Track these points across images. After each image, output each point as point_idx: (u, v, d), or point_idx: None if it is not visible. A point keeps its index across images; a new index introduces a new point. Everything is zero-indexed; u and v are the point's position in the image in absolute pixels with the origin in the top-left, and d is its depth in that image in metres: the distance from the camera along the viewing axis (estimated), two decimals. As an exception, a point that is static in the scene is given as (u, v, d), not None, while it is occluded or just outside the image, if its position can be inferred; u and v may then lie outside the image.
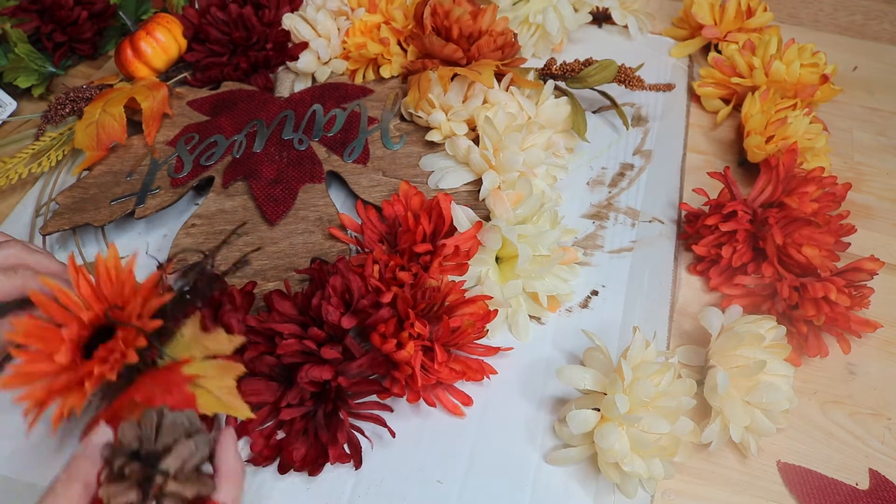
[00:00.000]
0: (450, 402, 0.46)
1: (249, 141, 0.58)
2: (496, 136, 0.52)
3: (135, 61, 0.61)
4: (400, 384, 0.43)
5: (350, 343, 0.42)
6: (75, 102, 0.59)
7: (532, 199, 0.50)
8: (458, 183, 0.54)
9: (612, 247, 0.56)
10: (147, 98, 0.58)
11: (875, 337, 0.52)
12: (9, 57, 0.65)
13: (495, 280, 0.48)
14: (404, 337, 0.42)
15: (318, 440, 0.42)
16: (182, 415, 0.35)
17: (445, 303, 0.44)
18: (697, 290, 0.54)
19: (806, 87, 0.62)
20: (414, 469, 0.44)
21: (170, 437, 0.34)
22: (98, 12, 0.68)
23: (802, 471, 0.45)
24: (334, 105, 0.60)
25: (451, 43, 0.57)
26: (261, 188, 0.54)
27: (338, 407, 0.42)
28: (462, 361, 0.45)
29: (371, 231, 0.50)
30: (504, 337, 0.50)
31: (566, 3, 0.67)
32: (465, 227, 0.48)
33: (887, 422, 0.48)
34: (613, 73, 0.61)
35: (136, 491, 0.33)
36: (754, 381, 0.43)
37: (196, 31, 0.63)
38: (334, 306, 0.42)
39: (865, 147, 0.66)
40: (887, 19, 0.81)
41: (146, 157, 0.57)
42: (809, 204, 0.51)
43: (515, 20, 0.68)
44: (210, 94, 0.62)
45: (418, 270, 0.45)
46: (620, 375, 0.41)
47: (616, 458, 0.41)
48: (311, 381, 0.41)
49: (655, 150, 0.63)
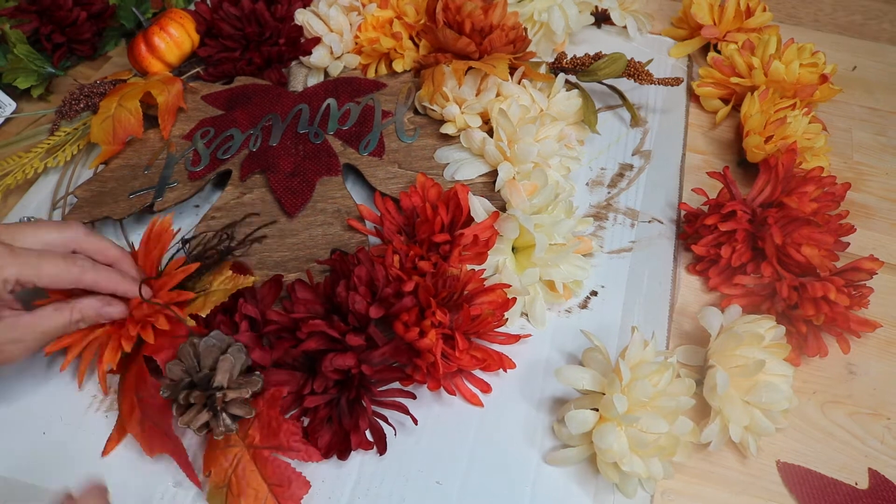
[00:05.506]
0: (468, 391, 0.46)
1: (265, 135, 0.58)
2: (511, 128, 0.53)
3: (148, 56, 0.62)
4: (422, 371, 0.44)
5: (373, 332, 0.43)
6: (89, 98, 0.60)
7: (547, 189, 0.50)
8: (473, 174, 0.55)
9: (611, 247, 0.56)
10: (162, 92, 0.58)
11: (875, 337, 0.51)
12: (8, 58, 0.65)
13: (512, 269, 0.49)
14: (426, 325, 0.43)
15: (342, 427, 0.43)
16: (211, 337, 0.42)
17: (465, 291, 0.45)
18: (697, 289, 0.54)
19: (805, 87, 0.62)
20: (414, 469, 0.44)
21: (210, 358, 0.41)
22: (97, 13, 0.68)
23: (802, 471, 0.45)
24: (348, 99, 0.61)
25: (464, 37, 0.57)
26: (278, 181, 0.55)
27: (360, 394, 0.43)
28: (482, 349, 0.46)
29: (390, 222, 0.50)
30: (518, 326, 0.50)
31: (571, 2, 0.68)
32: (481, 218, 0.49)
33: (887, 422, 0.48)
34: (623, 66, 0.62)
35: (205, 411, 0.39)
36: (754, 381, 0.43)
37: (209, 27, 0.64)
38: (362, 295, 0.43)
39: (865, 147, 0.66)
40: (887, 19, 0.81)
41: (162, 150, 0.58)
42: (809, 204, 0.50)
43: (520, 18, 0.68)
44: (224, 88, 0.63)
45: (438, 260, 0.46)
46: (619, 375, 0.41)
47: (615, 459, 0.41)
48: (336, 370, 0.42)
49: (655, 150, 0.63)
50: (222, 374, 0.40)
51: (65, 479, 0.42)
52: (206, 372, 0.40)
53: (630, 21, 0.73)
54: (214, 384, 0.40)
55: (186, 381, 0.40)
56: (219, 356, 0.41)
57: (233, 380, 0.41)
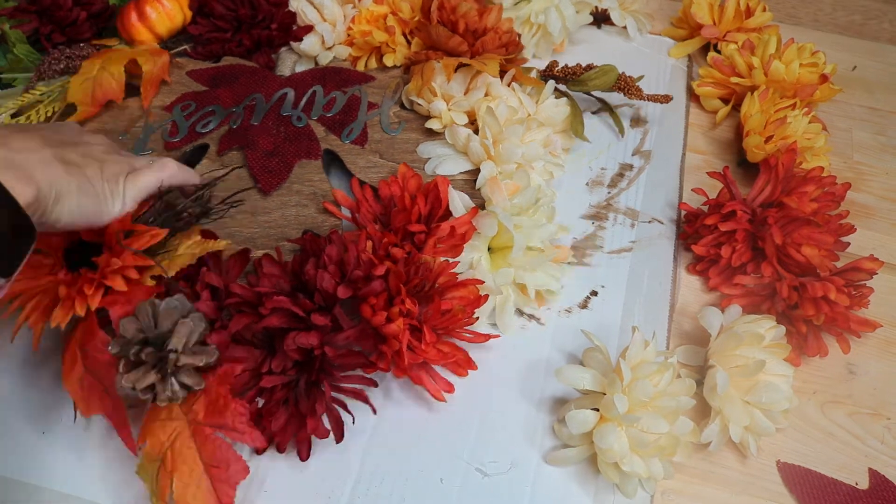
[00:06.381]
0: (432, 386, 0.45)
1: (247, 114, 0.58)
2: (497, 127, 0.53)
3: (138, 24, 0.61)
4: (386, 359, 0.43)
5: (339, 313, 0.42)
6: (70, 59, 0.59)
7: (529, 191, 0.50)
8: (455, 170, 0.55)
9: (611, 247, 0.56)
10: (148, 62, 0.58)
11: (874, 337, 0.52)
12: (8, 58, 0.64)
13: (487, 267, 0.49)
14: (394, 312, 0.42)
15: (298, 410, 0.41)
16: (174, 300, 0.40)
17: (437, 283, 0.44)
18: (697, 290, 0.54)
19: (805, 87, 0.62)
20: (414, 469, 0.44)
21: (168, 321, 0.39)
22: (97, 13, 0.68)
23: (802, 470, 0.45)
24: (335, 88, 0.61)
25: (457, 35, 0.57)
26: (256, 158, 0.55)
27: (320, 378, 0.42)
28: (450, 345, 0.45)
29: (366, 209, 0.50)
30: (487, 329, 0.49)
31: (568, 3, 0.68)
32: (460, 213, 0.49)
33: (887, 421, 0.48)
34: (613, 79, 0.62)
35: (153, 372, 0.38)
36: (754, 381, 0.43)
37: (201, 4, 0.63)
38: (331, 274, 0.42)
39: (865, 147, 0.66)
40: (886, 19, 0.81)
41: (140, 119, 0.57)
42: (809, 204, 0.51)
43: (517, 20, 0.68)
44: (211, 66, 0.62)
45: (411, 249, 0.45)
46: (619, 375, 0.41)
47: (615, 459, 0.41)
48: (298, 349, 0.41)
49: (655, 150, 0.63)
50: (178, 338, 0.39)
51: (65, 478, 0.42)
52: (161, 331, 0.39)
53: (630, 21, 0.73)
54: (169, 346, 0.38)
55: (140, 337, 0.39)
56: (178, 319, 0.39)
57: (188, 346, 0.39)
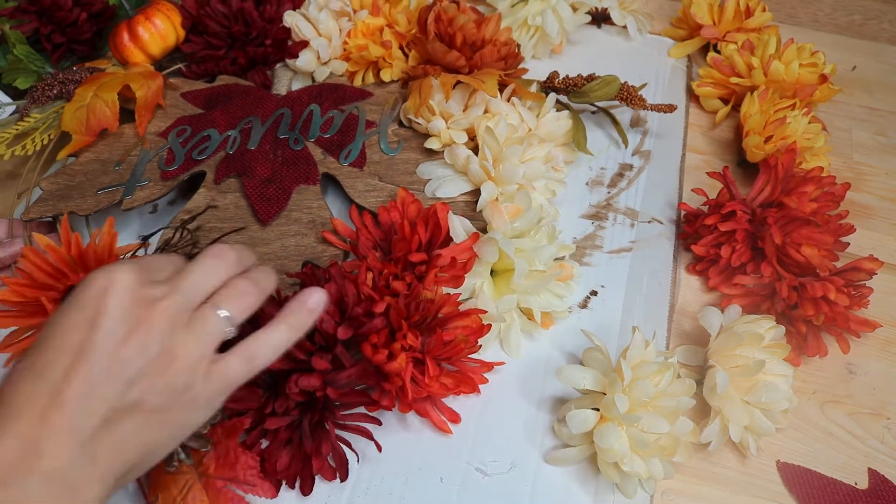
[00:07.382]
0: (437, 418, 0.45)
1: (244, 137, 0.57)
2: (497, 147, 0.51)
3: (130, 45, 0.60)
4: (390, 396, 0.42)
5: (340, 352, 0.41)
6: (64, 84, 0.58)
7: (530, 213, 0.49)
8: (455, 192, 0.53)
9: (611, 247, 0.56)
10: (142, 87, 0.56)
11: (874, 336, 0.52)
12: (8, 58, 0.64)
13: (490, 294, 0.48)
14: (396, 348, 0.41)
15: (302, 450, 0.41)
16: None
17: (439, 315, 0.43)
18: (697, 289, 0.54)
19: (805, 87, 0.62)
20: (414, 469, 0.44)
21: None
22: (97, 13, 0.68)
23: (802, 470, 0.45)
24: (332, 106, 0.59)
25: (454, 50, 0.56)
26: (254, 186, 0.53)
27: (324, 417, 0.41)
28: (453, 376, 0.44)
29: (366, 237, 0.49)
30: (494, 353, 0.49)
31: (564, 4, 0.67)
32: (461, 238, 0.48)
33: (886, 421, 0.48)
34: (616, 89, 0.61)
35: None
36: (754, 381, 0.43)
37: (195, 22, 0.62)
38: (330, 314, 0.41)
39: (864, 147, 0.66)
40: (886, 19, 0.81)
41: (136, 146, 0.56)
42: (808, 204, 0.51)
43: (514, 23, 0.68)
44: (205, 87, 0.61)
45: (413, 280, 0.44)
46: (620, 375, 0.41)
47: (615, 458, 0.41)
48: (301, 391, 0.40)
49: (654, 150, 0.63)
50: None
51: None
52: None
53: (630, 21, 0.73)
54: None
55: None
56: None
57: None
